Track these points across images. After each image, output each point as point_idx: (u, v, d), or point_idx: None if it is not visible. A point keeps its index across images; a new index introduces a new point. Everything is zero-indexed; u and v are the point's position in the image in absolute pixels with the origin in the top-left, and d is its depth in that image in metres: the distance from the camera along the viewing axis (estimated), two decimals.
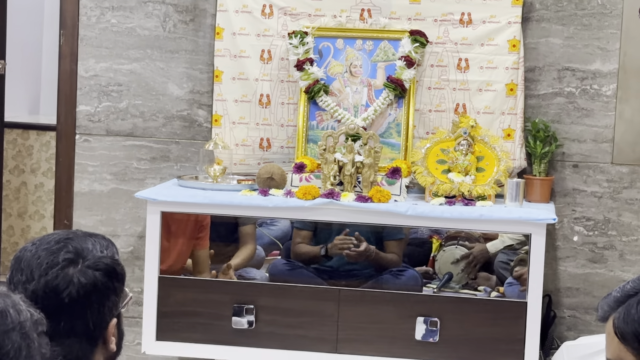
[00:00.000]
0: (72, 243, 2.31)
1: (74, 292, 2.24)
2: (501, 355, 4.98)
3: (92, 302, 2.27)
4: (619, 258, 5.41)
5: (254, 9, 5.41)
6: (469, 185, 5.08)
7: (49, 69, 6.89)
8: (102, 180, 5.67)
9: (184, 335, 5.14)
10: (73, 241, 2.32)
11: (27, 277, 2.24)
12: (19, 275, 2.26)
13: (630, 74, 5.34)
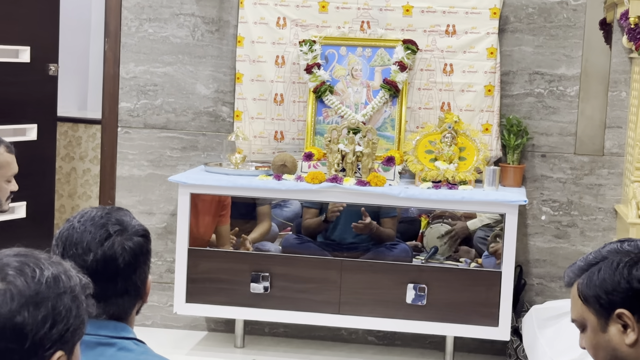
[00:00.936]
0: (113, 216, 2.31)
1: (127, 257, 2.26)
2: (479, 317, 4.98)
3: (139, 263, 2.30)
4: (580, 234, 5.41)
5: (270, 21, 5.39)
6: (453, 172, 5.09)
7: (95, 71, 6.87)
8: (140, 167, 5.65)
9: (209, 298, 5.14)
10: (112, 215, 2.32)
11: (83, 250, 2.23)
12: (74, 249, 2.25)
13: (591, 77, 5.32)
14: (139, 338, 2.31)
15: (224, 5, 5.51)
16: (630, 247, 2.27)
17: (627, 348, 2.22)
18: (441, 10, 5.29)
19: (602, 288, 2.22)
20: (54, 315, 1.78)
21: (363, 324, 5.14)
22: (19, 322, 1.74)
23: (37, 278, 1.80)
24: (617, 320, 2.21)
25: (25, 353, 1.76)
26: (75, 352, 1.86)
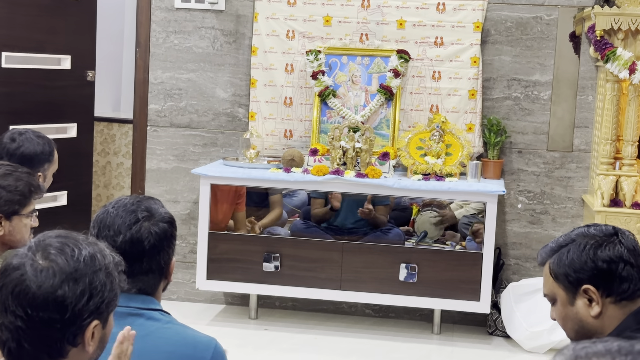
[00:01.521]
0: (143, 204, 2.32)
1: (152, 240, 2.27)
2: (463, 292, 4.98)
3: (163, 246, 2.31)
4: (551, 221, 5.40)
5: (280, 33, 5.38)
6: (440, 166, 5.09)
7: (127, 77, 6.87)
8: (167, 161, 5.65)
9: (227, 275, 5.15)
10: (142, 203, 2.33)
11: (114, 232, 2.26)
12: (107, 231, 2.27)
13: (562, 83, 5.32)
14: (164, 309, 2.32)
15: (240, 20, 5.50)
16: (596, 231, 2.28)
17: (592, 319, 2.23)
18: (430, 24, 5.28)
19: (570, 267, 2.23)
20: (90, 290, 1.80)
21: (361, 299, 5.14)
22: (60, 295, 1.76)
23: (75, 257, 1.82)
24: (584, 295, 2.22)
25: (65, 322, 1.77)
26: (109, 321, 1.88)
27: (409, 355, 4.86)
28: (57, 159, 3.74)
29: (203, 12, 5.53)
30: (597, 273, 2.21)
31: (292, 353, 4.85)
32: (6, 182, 2.85)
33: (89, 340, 1.81)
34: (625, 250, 2.23)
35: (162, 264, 2.31)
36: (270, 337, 5.08)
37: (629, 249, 2.24)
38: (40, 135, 3.77)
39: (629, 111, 4.81)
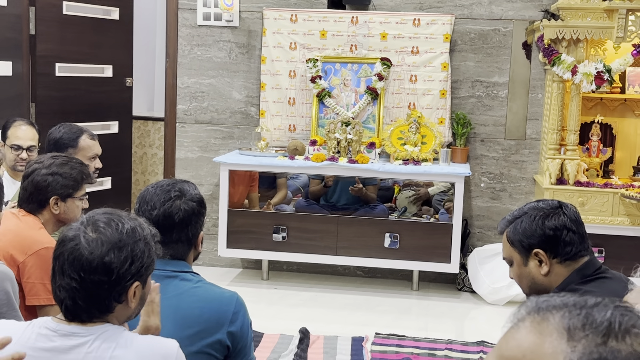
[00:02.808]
0: (177, 186, 2.33)
1: (181, 215, 2.27)
2: (436, 256, 4.99)
3: (191, 220, 2.30)
4: (508, 197, 5.41)
5: (284, 45, 5.37)
6: (417, 153, 5.09)
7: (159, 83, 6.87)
8: (193, 151, 5.65)
9: (243, 245, 5.15)
10: (177, 184, 2.34)
11: (151, 207, 2.27)
12: (145, 206, 2.28)
13: (516, 83, 5.31)
14: (195, 271, 2.34)
15: (252, 34, 5.49)
16: (544, 205, 2.29)
17: (542, 277, 2.24)
18: (408, 36, 5.27)
19: (523, 234, 2.24)
20: (132, 256, 1.81)
21: (353, 262, 5.15)
22: (107, 261, 1.78)
23: (119, 229, 1.82)
24: (535, 257, 2.23)
25: (112, 283, 1.79)
26: (148, 282, 1.89)
27: (392, 308, 4.88)
28: (86, 147, 3.63)
29: (221, 29, 5.52)
30: (545, 239, 2.22)
31: (298, 307, 4.86)
32: (63, 170, 2.85)
33: (131, 298, 1.82)
34: (568, 219, 2.24)
35: (190, 235, 2.29)
36: (279, 294, 5.10)
37: (571, 218, 2.25)
38: (67, 126, 3.71)
39: (571, 106, 4.81)
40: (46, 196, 2.83)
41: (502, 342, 1.04)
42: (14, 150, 3.83)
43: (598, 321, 0.98)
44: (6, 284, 2.47)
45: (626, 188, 4.74)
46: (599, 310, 1.00)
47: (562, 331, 0.98)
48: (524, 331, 1.01)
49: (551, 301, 1.03)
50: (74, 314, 1.79)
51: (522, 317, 1.04)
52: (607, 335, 0.97)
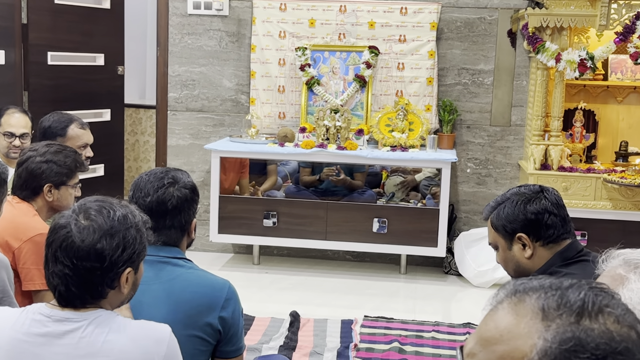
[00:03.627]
0: (170, 173, 2.32)
1: (174, 202, 2.26)
2: (424, 240, 5.01)
3: (184, 207, 2.30)
4: (494, 182, 5.43)
5: (274, 34, 5.36)
6: (405, 139, 5.09)
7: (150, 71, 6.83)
8: (184, 138, 5.64)
9: (234, 230, 5.16)
10: (170, 172, 2.33)
11: (145, 193, 2.26)
12: (139, 193, 2.27)
13: (501, 71, 5.33)
14: (187, 257, 2.33)
15: (241, 23, 5.47)
16: (525, 190, 2.31)
17: (526, 260, 2.26)
18: (395, 24, 5.26)
19: (506, 220, 2.26)
20: (124, 243, 1.81)
21: (342, 247, 5.16)
22: (99, 248, 1.78)
23: (111, 216, 1.82)
24: (518, 241, 2.25)
25: (104, 270, 1.79)
26: (140, 268, 1.89)
27: (380, 291, 4.90)
28: (75, 137, 3.60)
29: (211, 17, 5.50)
30: (527, 223, 2.23)
31: (288, 291, 4.88)
32: (57, 158, 2.85)
33: (123, 284, 1.82)
34: (549, 203, 2.25)
35: (183, 222, 2.29)
36: (270, 279, 5.11)
37: (553, 202, 2.26)
38: (57, 115, 3.69)
39: (555, 93, 4.82)
40: (40, 183, 2.83)
41: (482, 324, 1.05)
42: (7, 138, 3.82)
43: (572, 301, 0.99)
44: (1, 271, 2.47)
45: (608, 173, 4.77)
46: (573, 291, 1.00)
47: (538, 311, 0.99)
48: (501, 313, 1.03)
49: (528, 284, 1.04)
50: (68, 300, 1.79)
51: (500, 299, 1.05)
52: (581, 315, 0.98)
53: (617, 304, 1.01)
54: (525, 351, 0.97)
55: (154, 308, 2.16)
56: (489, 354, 1.00)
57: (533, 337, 0.98)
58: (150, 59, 6.85)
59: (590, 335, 0.96)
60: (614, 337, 0.96)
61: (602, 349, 0.95)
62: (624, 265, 1.47)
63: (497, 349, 1.00)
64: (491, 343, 1.01)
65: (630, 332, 0.98)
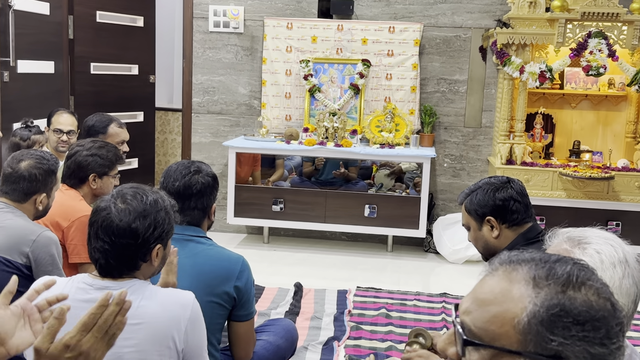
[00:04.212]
0: (195, 164, 2.36)
1: (198, 187, 2.29)
2: (407, 223, 5.00)
3: (206, 192, 2.31)
4: (467, 175, 5.41)
5: (282, 48, 5.33)
6: (392, 138, 5.08)
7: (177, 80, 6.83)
8: (205, 137, 5.63)
9: (248, 214, 5.15)
10: (195, 163, 2.37)
11: (174, 179, 2.30)
12: (169, 179, 2.31)
13: (474, 81, 5.31)
14: (207, 236, 2.34)
15: (254, 39, 5.45)
16: (495, 180, 2.30)
17: (493, 239, 2.25)
18: (384, 41, 5.24)
19: (478, 204, 2.25)
20: (155, 223, 1.81)
21: (338, 229, 5.16)
22: (134, 227, 1.77)
23: (144, 200, 1.82)
24: (487, 223, 2.25)
25: (138, 246, 1.79)
26: (168, 244, 1.89)
27: (371, 266, 4.90)
28: (114, 134, 3.58)
29: (228, 34, 5.48)
30: (496, 208, 2.23)
31: (293, 266, 4.88)
32: (100, 152, 2.87)
33: (154, 258, 1.82)
34: (514, 192, 2.25)
35: (205, 205, 2.30)
36: (277, 255, 5.11)
37: (517, 191, 2.26)
38: (99, 115, 3.67)
39: (519, 100, 4.81)
40: (86, 173, 2.84)
41: (477, 286, 1.04)
42: (56, 134, 3.83)
43: (559, 273, 0.99)
44: (52, 247, 2.48)
45: (563, 167, 4.76)
46: (561, 265, 1.00)
47: (529, 280, 0.99)
48: (496, 278, 1.02)
49: (521, 256, 1.04)
50: (107, 271, 1.79)
51: (495, 267, 1.04)
52: (566, 285, 0.98)
53: (596, 279, 1.01)
54: (516, 312, 0.97)
55: (180, 278, 2.16)
56: (483, 313, 1.00)
57: (524, 301, 0.97)
58: (177, 69, 6.84)
59: (573, 303, 0.96)
60: (593, 306, 0.96)
61: (583, 315, 0.95)
62: (569, 242, 1.48)
63: (491, 309, 0.99)
64: (486, 304, 1.00)
65: (607, 303, 0.98)
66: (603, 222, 4.69)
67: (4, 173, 2.54)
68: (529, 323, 0.96)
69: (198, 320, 1.80)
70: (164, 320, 1.74)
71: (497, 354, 0.97)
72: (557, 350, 0.95)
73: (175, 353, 1.75)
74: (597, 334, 0.95)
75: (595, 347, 0.95)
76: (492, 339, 0.98)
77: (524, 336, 0.96)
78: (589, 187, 4.70)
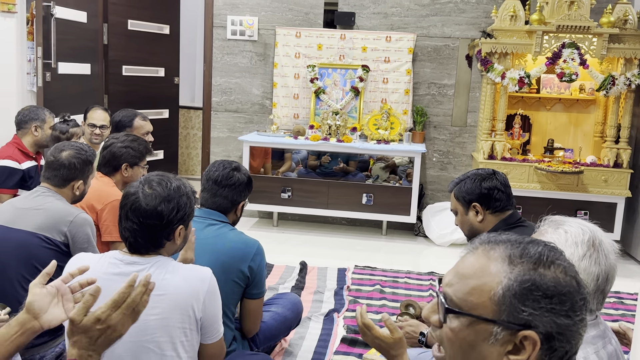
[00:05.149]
0: (236, 164, 2.38)
1: (234, 180, 2.31)
2: (400, 210, 4.98)
3: (239, 188, 2.33)
4: (453, 168, 5.39)
5: (291, 55, 5.31)
6: (387, 135, 5.06)
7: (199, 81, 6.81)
8: (223, 132, 5.60)
9: (260, 200, 5.12)
10: (236, 163, 2.38)
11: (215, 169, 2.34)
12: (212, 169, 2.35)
13: (460, 85, 5.27)
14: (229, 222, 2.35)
15: (267, 46, 5.41)
16: (482, 172, 2.31)
17: (478, 223, 2.24)
18: (382, 49, 5.20)
19: (466, 192, 2.24)
20: (177, 207, 1.80)
21: (339, 214, 5.13)
22: (159, 210, 1.77)
23: (168, 186, 1.81)
24: (473, 209, 2.24)
25: (163, 226, 1.78)
26: (189, 226, 1.89)
27: (367, 247, 4.89)
28: (139, 127, 3.60)
29: (244, 42, 5.44)
30: (481, 196, 2.22)
31: (299, 246, 4.87)
32: (133, 145, 2.90)
33: (177, 237, 1.81)
34: (498, 182, 2.24)
35: (234, 198, 2.31)
36: (285, 237, 5.10)
37: (501, 182, 2.25)
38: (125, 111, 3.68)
39: (500, 102, 4.78)
40: (119, 163, 2.86)
41: (459, 263, 1.05)
42: (90, 128, 3.83)
43: (532, 253, 1.00)
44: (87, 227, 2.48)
45: (539, 162, 4.73)
46: (533, 246, 1.01)
47: (505, 258, 1.00)
48: (476, 256, 1.03)
49: (498, 237, 1.05)
50: (135, 248, 1.78)
51: (476, 246, 1.05)
52: (537, 264, 0.98)
53: (564, 258, 1.02)
54: (493, 286, 0.98)
55: (201, 256, 2.16)
56: (464, 286, 1.01)
57: (500, 276, 0.98)
58: (199, 72, 6.82)
59: (543, 279, 0.97)
60: (560, 283, 0.97)
61: (551, 290, 0.97)
62: (550, 224, 1.50)
63: (470, 282, 1.00)
64: (466, 277, 1.01)
65: (572, 280, 0.99)
66: (573, 211, 4.67)
67: (46, 161, 2.55)
68: (504, 295, 0.97)
69: (215, 293, 1.80)
70: (185, 292, 1.73)
71: (475, 321, 0.98)
72: (527, 320, 0.95)
73: (194, 321, 1.74)
74: (562, 307, 0.96)
75: (561, 318, 0.96)
76: (471, 308, 0.99)
77: (499, 307, 0.97)
78: (561, 180, 4.68)
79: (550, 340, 0.96)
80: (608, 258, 1.39)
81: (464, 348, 0.99)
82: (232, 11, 5.40)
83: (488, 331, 0.97)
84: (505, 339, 0.96)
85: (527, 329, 0.96)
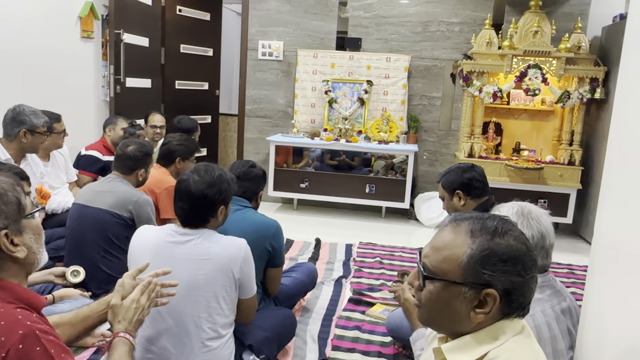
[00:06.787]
0: (252, 162, 2.34)
1: (252, 175, 2.27)
2: (396, 198, 4.96)
3: (257, 180, 2.29)
4: (440, 165, 5.35)
5: (309, 71, 5.29)
6: (387, 137, 5.04)
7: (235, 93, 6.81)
8: (254, 134, 5.61)
9: (283, 189, 5.12)
10: (250, 162, 2.34)
11: (237, 167, 2.28)
12: (234, 167, 2.28)
13: (446, 97, 5.24)
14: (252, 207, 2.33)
15: (290, 64, 5.40)
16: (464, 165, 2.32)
17: (460, 207, 2.24)
18: (383, 67, 5.17)
19: (451, 182, 2.24)
20: (220, 191, 1.81)
21: (347, 201, 5.12)
22: (205, 193, 1.78)
23: (213, 174, 1.82)
24: (456, 195, 2.23)
25: (208, 206, 1.79)
26: (228, 207, 1.90)
27: (369, 228, 4.88)
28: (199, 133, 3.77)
29: (272, 61, 5.43)
30: (463, 184, 2.21)
31: (315, 226, 4.88)
32: (186, 143, 2.95)
33: (219, 215, 1.83)
34: (477, 174, 2.23)
35: (254, 188, 2.30)
36: (303, 218, 5.10)
37: (479, 173, 2.24)
38: (191, 119, 3.78)
39: (478, 112, 4.74)
40: (174, 157, 2.89)
41: (434, 238, 1.07)
42: (152, 128, 3.87)
43: (489, 226, 1.01)
44: (148, 207, 2.51)
45: (508, 160, 4.69)
46: (490, 220, 1.03)
47: (468, 232, 1.01)
48: (446, 231, 1.05)
49: (463, 215, 1.07)
50: (186, 223, 1.80)
51: (445, 224, 1.07)
52: (494, 235, 1.00)
53: (516, 229, 1.03)
54: (459, 255, 1.00)
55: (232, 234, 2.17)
56: (437, 256, 1.02)
57: (464, 247, 1.00)
58: (235, 86, 6.82)
59: (499, 246, 0.98)
60: (512, 249, 0.98)
61: (506, 255, 0.98)
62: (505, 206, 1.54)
63: (442, 253, 1.02)
64: (439, 249, 1.03)
65: (523, 246, 1.00)
66: (535, 199, 4.63)
67: (116, 154, 2.59)
68: (468, 262, 0.98)
69: (249, 259, 1.81)
70: (225, 257, 1.75)
71: (447, 284, 1.00)
72: (488, 280, 0.97)
73: (233, 280, 1.76)
74: (515, 268, 0.97)
75: (515, 277, 0.97)
76: (444, 274, 1.01)
77: (465, 271, 0.98)
78: (525, 174, 4.64)
79: (508, 295, 0.97)
80: (540, 222, 1.43)
81: (441, 305, 1.01)
82: (262, 37, 5.40)
83: (458, 291, 0.99)
84: (472, 297, 0.98)
85: (488, 288, 0.97)
